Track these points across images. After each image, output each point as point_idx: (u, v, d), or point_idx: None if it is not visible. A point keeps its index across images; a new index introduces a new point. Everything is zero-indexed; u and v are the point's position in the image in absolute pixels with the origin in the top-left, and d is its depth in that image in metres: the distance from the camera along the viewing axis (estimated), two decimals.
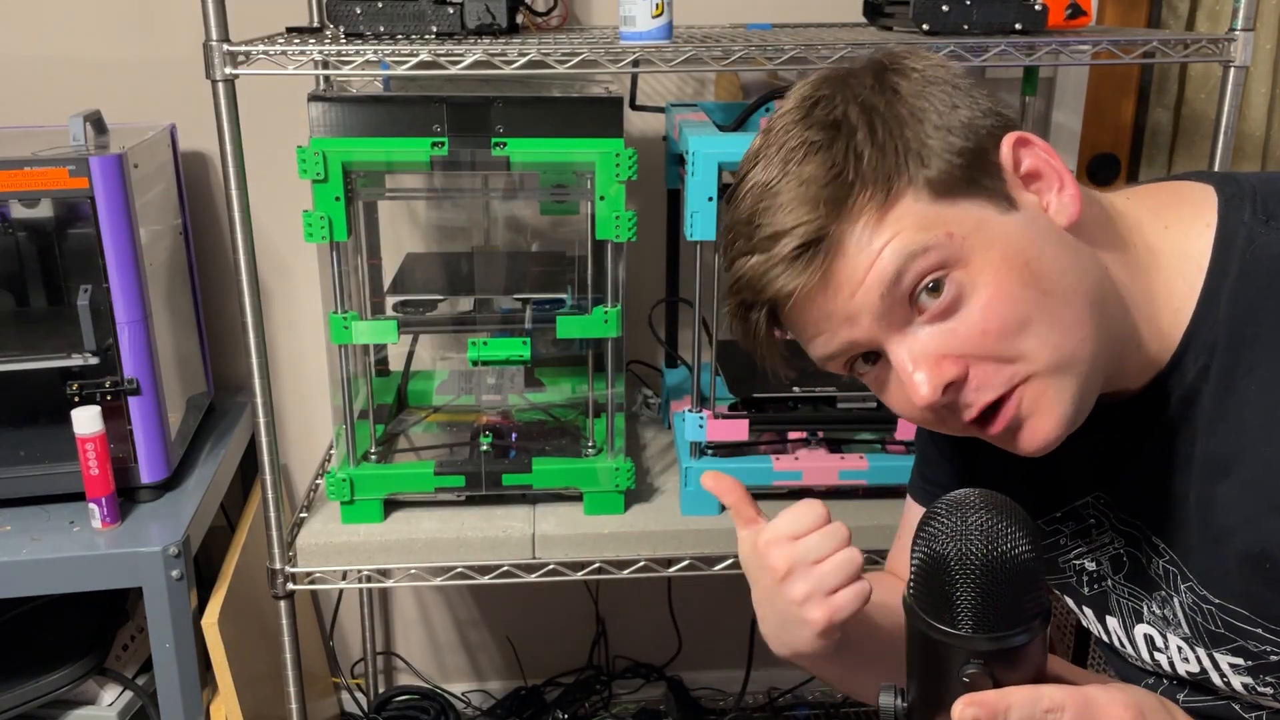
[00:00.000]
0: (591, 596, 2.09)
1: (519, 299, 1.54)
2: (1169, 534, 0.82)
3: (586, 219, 1.48)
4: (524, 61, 1.29)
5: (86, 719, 1.55)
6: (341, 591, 2.05)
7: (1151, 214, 0.82)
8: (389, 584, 1.51)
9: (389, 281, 1.63)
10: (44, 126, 1.70)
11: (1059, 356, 0.74)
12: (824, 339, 0.78)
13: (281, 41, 1.32)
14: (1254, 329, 0.75)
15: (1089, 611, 0.93)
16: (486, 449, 1.52)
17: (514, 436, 1.57)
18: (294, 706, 1.51)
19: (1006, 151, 0.76)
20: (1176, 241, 0.80)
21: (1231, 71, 1.38)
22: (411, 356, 1.75)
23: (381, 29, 1.35)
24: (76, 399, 1.44)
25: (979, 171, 0.74)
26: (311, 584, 1.47)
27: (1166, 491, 0.81)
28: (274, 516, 1.42)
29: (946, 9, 1.36)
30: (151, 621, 1.42)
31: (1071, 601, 0.94)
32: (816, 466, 1.48)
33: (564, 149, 1.39)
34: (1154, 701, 0.70)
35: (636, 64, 1.32)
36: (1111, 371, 0.78)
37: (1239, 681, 0.82)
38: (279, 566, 1.45)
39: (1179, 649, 0.85)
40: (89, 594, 1.50)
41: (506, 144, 1.39)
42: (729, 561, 1.48)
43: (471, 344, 1.47)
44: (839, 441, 1.54)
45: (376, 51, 1.28)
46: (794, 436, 1.54)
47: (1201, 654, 0.83)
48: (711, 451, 1.50)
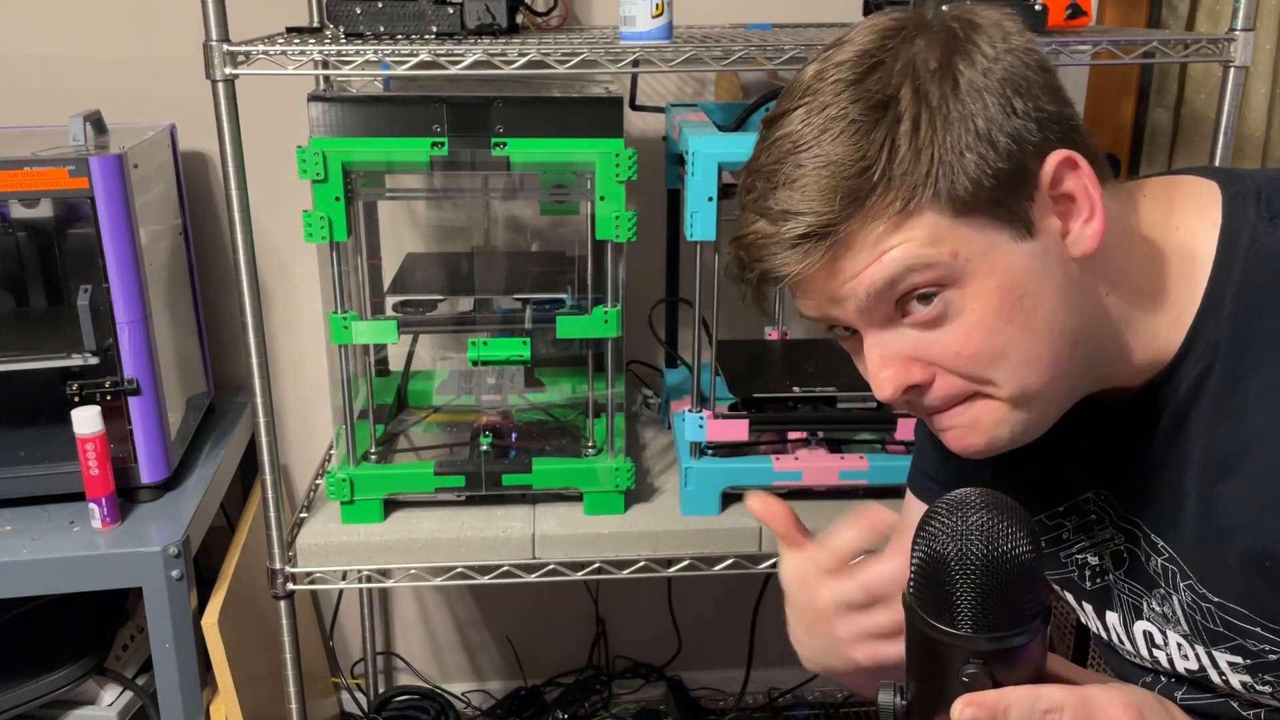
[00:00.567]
0: (591, 596, 2.09)
1: (519, 299, 1.54)
2: (1168, 532, 0.82)
3: (586, 219, 1.48)
4: (524, 61, 1.29)
5: (86, 719, 1.55)
6: (341, 591, 2.05)
7: (1164, 215, 0.81)
8: (389, 584, 1.51)
9: (389, 281, 1.63)
10: (44, 126, 1.70)
11: (1023, 391, 0.75)
12: (809, 304, 0.79)
13: (281, 41, 1.32)
14: (1258, 328, 0.75)
15: (1089, 607, 0.93)
16: (486, 449, 1.52)
17: (514, 436, 1.57)
18: (294, 706, 1.51)
19: (1049, 169, 0.73)
20: (1184, 241, 0.79)
21: (1231, 71, 1.38)
22: (411, 356, 1.74)
23: (381, 29, 1.35)
24: (76, 399, 1.44)
25: (1009, 193, 0.72)
26: (311, 584, 1.47)
27: (1166, 490, 0.81)
28: (274, 516, 1.42)
29: (946, 9, 1.36)
30: (151, 621, 1.42)
31: (1072, 597, 0.94)
32: (816, 466, 1.48)
33: (564, 149, 1.39)
34: (1153, 701, 0.70)
35: (636, 64, 1.32)
36: (1097, 383, 0.79)
37: (1237, 680, 0.82)
38: (279, 566, 1.45)
39: (1178, 646, 0.85)
40: (89, 594, 1.49)
41: (506, 144, 1.39)
42: (729, 561, 1.48)
43: (471, 344, 1.47)
44: (839, 441, 1.54)
45: (376, 51, 1.28)
46: (794, 436, 1.54)
47: (1200, 652, 0.83)
48: (711, 451, 1.50)
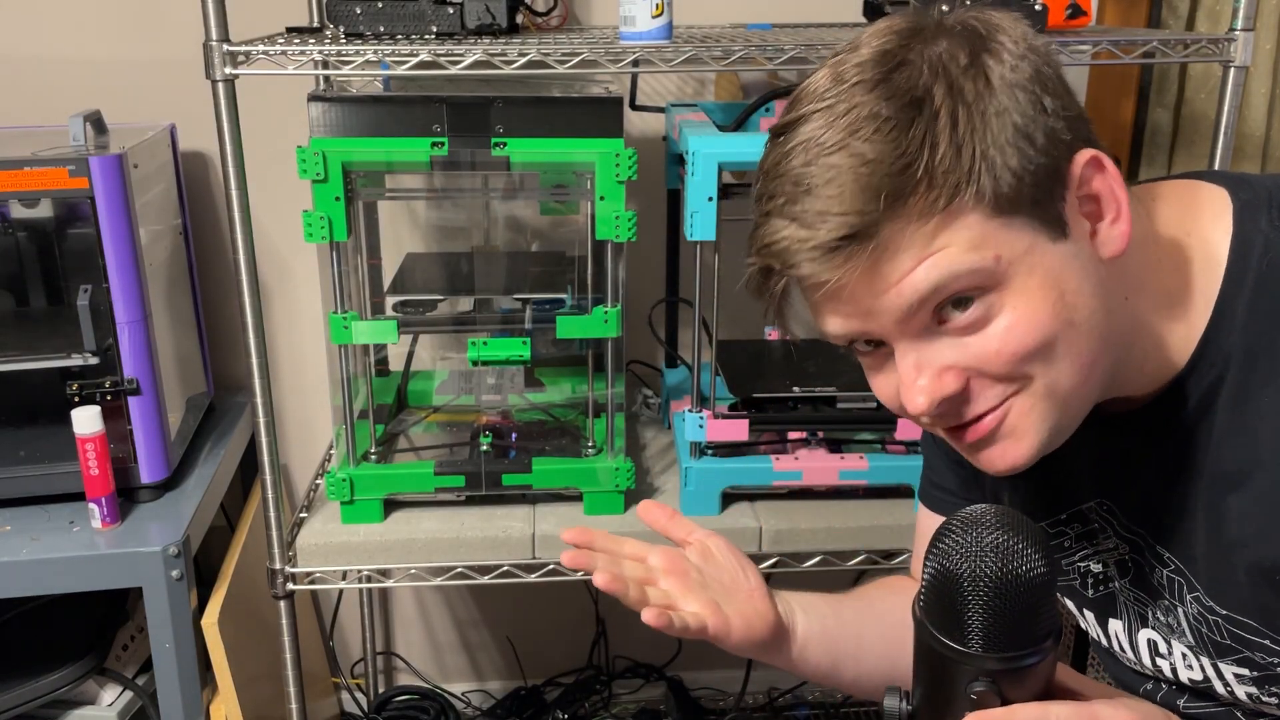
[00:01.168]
0: (591, 596, 2.08)
1: (519, 299, 1.54)
2: (1174, 544, 0.82)
3: (586, 219, 1.48)
4: (524, 61, 1.29)
5: (86, 719, 1.55)
6: (341, 591, 2.05)
7: (1177, 221, 0.80)
8: (389, 584, 1.51)
9: (389, 281, 1.63)
10: (44, 126, 1.70)
11: (1059, 385, 0.72)
12: (837, 321, 0.75)
13: (281, 41, 1.32)
14: (1270, 339, 0.74)
15: (1090, 615, 0.92)
16: (486, 449, 1.52)
17: (514, 436, 1.57)
18: (294, 706, 1.51)
19: (1078, 169, 0.71)
20: (1197, 248, 0.78)
21: (1231, 71, 1.38)
22: (411, 356, 1.74)
23: (381, 29, 1.35)
24: (76, 399, 1.44)
25: (1044, 191, 0.70)
26: (311, 584, 1.47)
27: (1173, 501, 0.80)
28: (274, 516, 1.42)
29: (946, 9, 1.36)
30: (151, 621, 1.42)
31: (1073, 605, 0.94)
32: (816, 466, 1.48)
33: (564, 149, 1.39)
34: (1159, 715, 0.69)
35: (636, 64, 1.32)
36: (1112, 386, 0.77)
37: (1243, 691, 0.81)
38: (279, 566, 1.45)
39: (1183, 656, 0.84)
40: (89, 594, 1.49)
41: (506, 144, 1.39)
42: None
43: (471, 344, 1.47)
44: (839, 441, 1.54)
45: (376, 51, 1.28)
46: (794, 436, 1.54)
47: (1206, 663, 0.83)
48: (711, 451, 1.50)
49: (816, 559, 1.48)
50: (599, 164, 1.37)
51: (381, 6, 1.34)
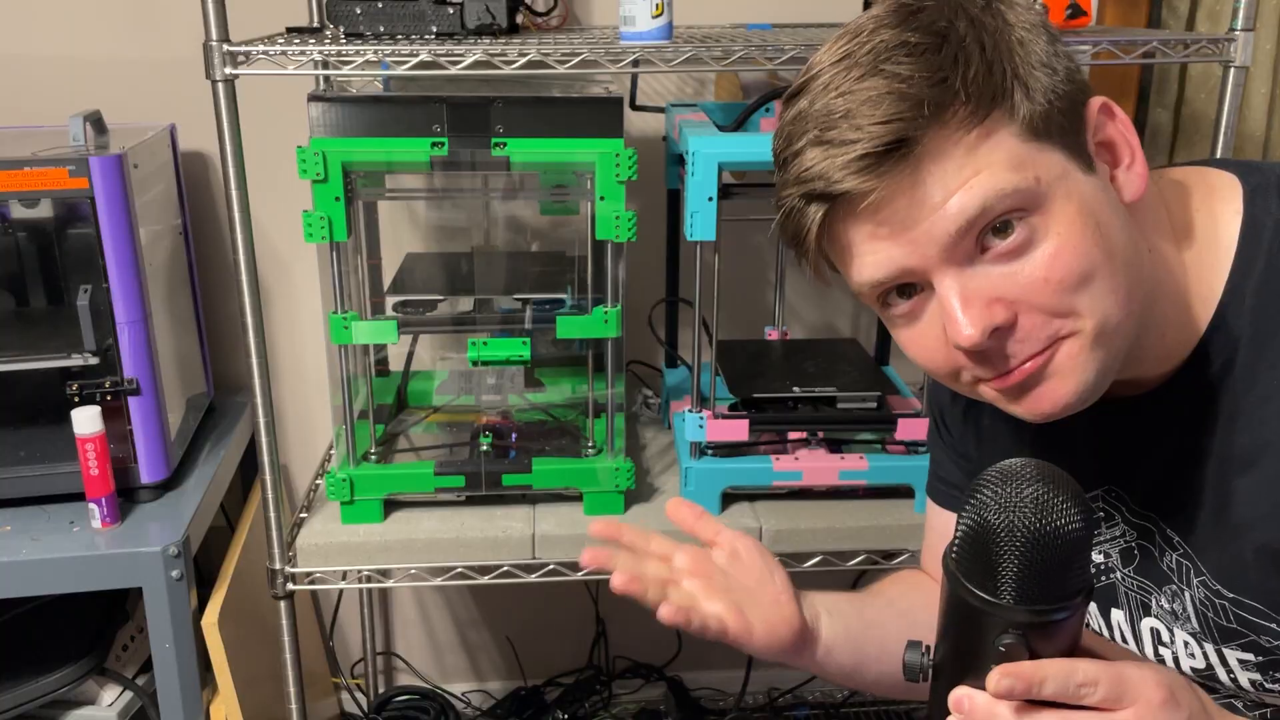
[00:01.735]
0: (591, 596, 2.08)
1: (519, 299, 1.54)
2: (1183, 527, 0.82)
3: (586, 219, 1.48)
4: (524, 61, 1.29)
5: (86, 719, 1.55)
6: (341, 592, 2.05)
7: (1186, 196, 0.81)
8: (389, 584, 1.51)
9: (389, 281, 1.63)
10: (44, 126, 1.70)
11: (1107, 321, 0.72)
12: (876, 260, 0.73)
13: (281, 41, 1.32)
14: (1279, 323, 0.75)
15: (1092, 605, 0.92)
16: (486, 449, 1.52)
17: (514, 436, 1.57)
18: (294, 706, 1.51)
19: (1093, 113, 0.74)
20: (1209, 227, 0.79)
21: (1231, 71, 1.38)
22: (411, 356, 1.74)
23: (381, 29, 1.35)
24: (76, 399, 1.44)
25: (1070, 121, 0.72)
26: (311, 584, 1.47)
27: (1182, 485, 0.81)
28: (274, 516, 1.42)
29: None
30: (151, 621, 1.42)
31: None
32: (816, 466, 1.48)
33: (564, 149, 1.39)
34: (1184, 682, 0.69)
35: (636, 64, 1.32)
36: (1131, 358, 0.77)
37: (1246, 678, 0.81)
38: (279, 566, 1.45)
39: (1185, 644, 0.85)
40: (89, 594, 1.49)
41: (506, 144, 1.39)
42: None
43: (471, 344, 1.47)
44: (839, 441, 1.54)
45: (376, 51, 1.28)
46: (794, 436, 1.54)
47: (1209, 650, 0.83)
48: (711, 451, 1.50)
49: (816, 559, 1.48)
50: (599, 164, 1.37)
51: (381, 6, 1.34)
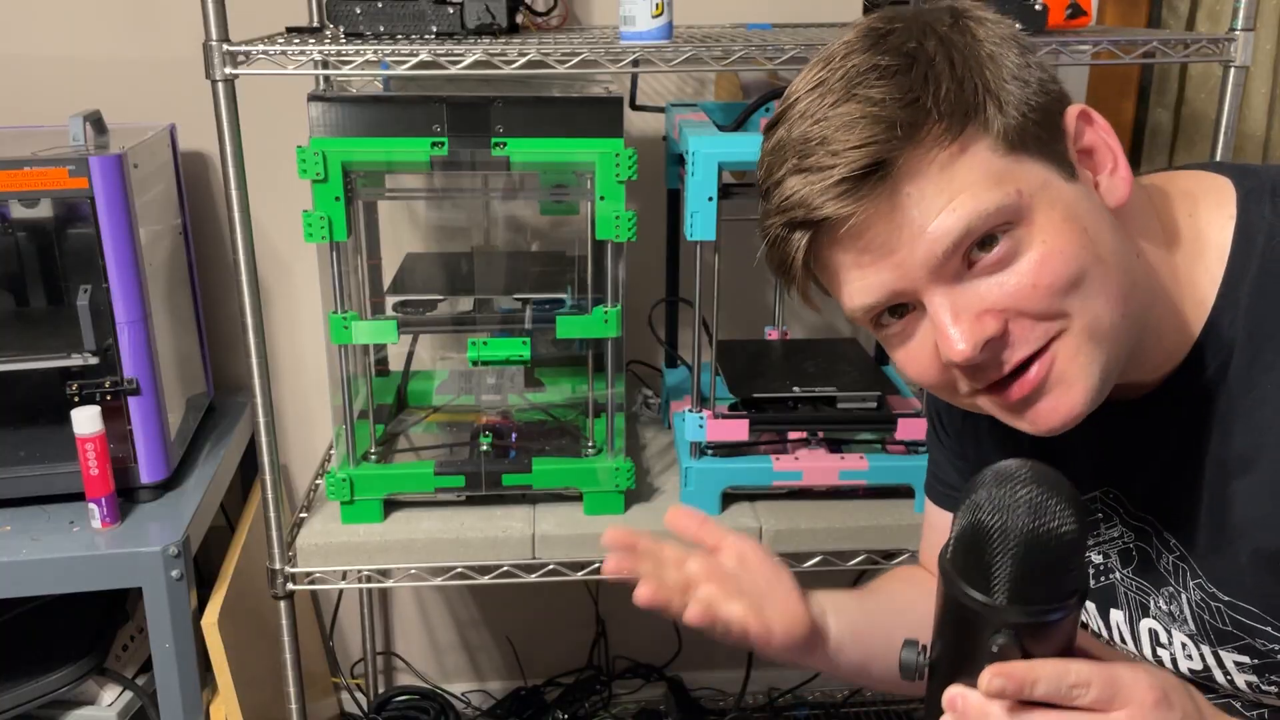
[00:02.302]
0: (591, 596, 2.09)
1: (519, 299, 1.54)
2: (1179, 530, 0.82)
3: (586, 219, 1.48)
4: (524, 61, 1.29)
5: (86, 719, 1.55)
6: (341, 592, 2.05)
7: (1177, 202, 0.81)
8: (389, 584, 1.51)
9: (389, 281, 1.63)
10: (44, 126, 1.70)
11: (1099, 322, 0.72)
12: (865, 285, 0.74)
13: (281, 41, 1.32)
14: (1274, 325, 0.75)
15: (1091, 606, 0.92)
16: (486, 449, 1.52)
17: (514, 436, 1.57)
18: (294, 706, 1.51)
19: (1071, 122, 0.74)
20: (1200, 232, 0.79)
21: (1231, 71, 1.38)
22: (411, 356, 1.74)
23: (381, 29, 1.35)
24: (76, 399, 1.44)
25: (1048, 132, 0.73)
26: (311, 584, 1.47)
27: (1179, 487, 0.81)
28: (274, 516, 1.42)
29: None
30: (151, 621, 1.42)
31: None
32: (816, 466, 1.48)
33: (564, 149, 1.39)
34: (1177, 683, 0.69)
35: (636, 64, 1.32)
36: (1130, 362, 0.77)
37: (1243, 680, 0.82)
38: (279, 566, 1.45)
39: (1183, 646, 0.85)
40: (89, 594, 1.49)
41: (506, 144, 1.39)
42: None
43: (471, 344, 1.47)
44: (839, 441, 1.54)
45: (376, 51, 1.28)
46: (794, 436, 1.54)
47: (1206, 651, 0.83)
48: (711, 451, 1.50)
49: (816, 559, 1.48)
50: (599, 164, 1.37)
51: (381, 6, 1.34)
